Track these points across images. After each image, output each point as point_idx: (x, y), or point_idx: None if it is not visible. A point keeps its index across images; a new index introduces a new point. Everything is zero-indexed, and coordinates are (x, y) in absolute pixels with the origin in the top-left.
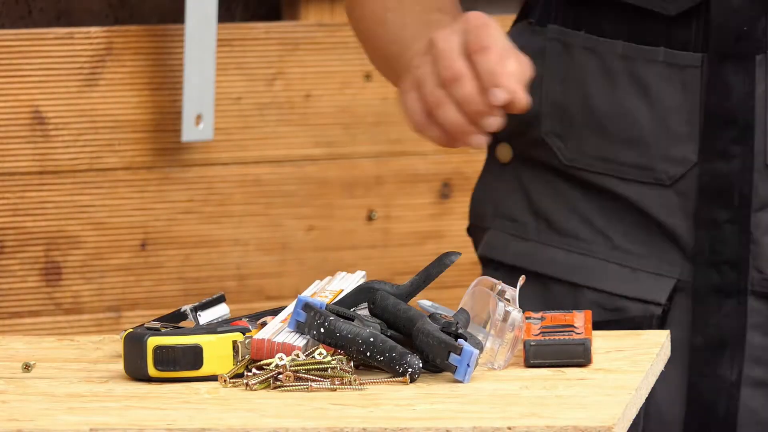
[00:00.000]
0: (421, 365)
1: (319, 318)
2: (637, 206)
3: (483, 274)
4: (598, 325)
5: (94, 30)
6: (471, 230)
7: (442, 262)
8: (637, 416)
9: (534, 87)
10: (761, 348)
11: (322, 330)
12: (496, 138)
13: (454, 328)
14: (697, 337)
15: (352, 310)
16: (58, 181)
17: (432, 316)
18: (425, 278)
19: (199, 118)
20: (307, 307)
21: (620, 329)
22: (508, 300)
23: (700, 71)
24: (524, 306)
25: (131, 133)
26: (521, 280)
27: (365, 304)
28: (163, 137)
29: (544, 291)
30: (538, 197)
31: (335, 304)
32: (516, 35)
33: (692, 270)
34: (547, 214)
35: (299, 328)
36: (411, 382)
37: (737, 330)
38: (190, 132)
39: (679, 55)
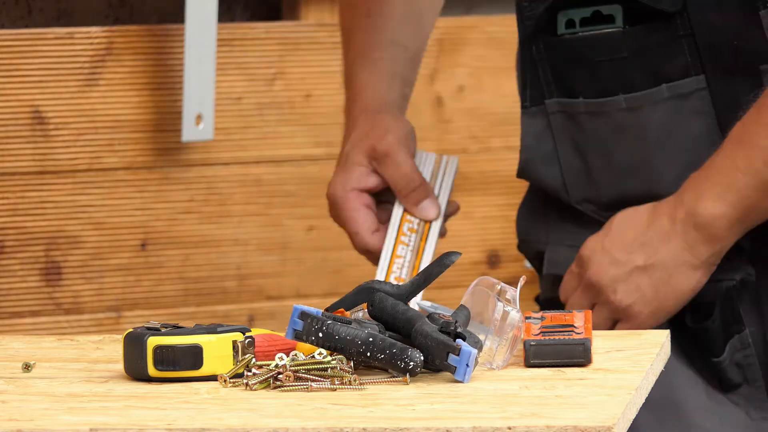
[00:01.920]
0: (422, 358)
1: (316, 324)
2: None
3: (547, 292)
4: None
5: (94, 30)
6: (521, 246)
7: (442, 262)
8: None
9: (551, 160)
10: None
11: (320, 335)
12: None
13: (452, 328)
14: None
15: (350, 313)
16: (58, 181)
17: (430, 317)
18: (425, 278)
19: (199, 118)
20: (303, 315)
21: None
22: (508, 300)
23: (708, 93)
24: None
25: (131, 133)
26: (522, 279)
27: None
28: (163, 137)
29: None
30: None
31: (334, 304)
32: (523, 128)
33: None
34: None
35: (297, 336)
36: (413, 376)
37: None
38: (190, 132)
39: (682, 84)
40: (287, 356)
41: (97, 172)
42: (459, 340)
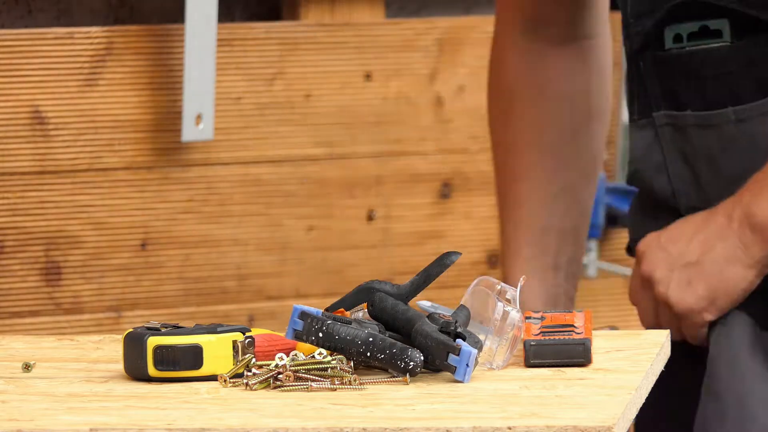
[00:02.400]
0: (422, 358)
1: (316, 324)
2: None
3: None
4: None
5: (94, 30)
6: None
7: (442, 262)
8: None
9: (660, 170)
10: None
11: (320, 335)
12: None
13: (452, 328)
14: None
15: (350, 313)
16: (58, 181)
17: (431, 316)
18: (425, 278)
19: (199, 118)
20: (303, 315)
21: None
22: (508, 300)
23: None
24: None
25: (131, 133)
26: (522, 279)
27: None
28: (163, 137)
29: None
30: None
31: (334, 304)
32: (632, 139)
33: None
34: None
35: (297, 336)
36: (413, 376)
37: None
38: (190, 132)
39: None
40: (287, 356)
41: (97, 172)
42: (459, 340)
